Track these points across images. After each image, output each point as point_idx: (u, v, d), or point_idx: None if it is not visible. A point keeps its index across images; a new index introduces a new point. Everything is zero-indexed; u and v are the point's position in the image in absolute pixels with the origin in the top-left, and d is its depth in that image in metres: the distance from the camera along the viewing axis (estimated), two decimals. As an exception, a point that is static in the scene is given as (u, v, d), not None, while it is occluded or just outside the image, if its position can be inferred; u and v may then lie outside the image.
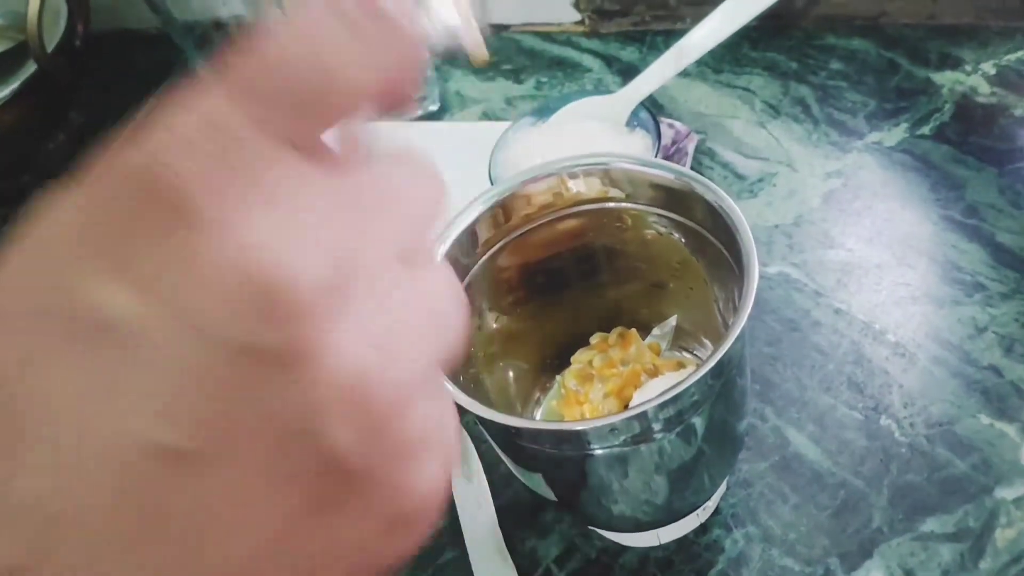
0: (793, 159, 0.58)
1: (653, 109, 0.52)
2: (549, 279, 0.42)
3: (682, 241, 0.39)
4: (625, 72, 0.67)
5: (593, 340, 0.44)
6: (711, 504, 0.42)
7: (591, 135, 0.52)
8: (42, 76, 0.65)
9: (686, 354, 0.45)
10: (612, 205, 0.39)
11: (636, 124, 0.52)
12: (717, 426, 0.34)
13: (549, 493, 0.37)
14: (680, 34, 0.52)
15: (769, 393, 0.46)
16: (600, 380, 0.42)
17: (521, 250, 0.40)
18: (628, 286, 0.43)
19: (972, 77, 0.59)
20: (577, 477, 0.34)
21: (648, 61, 0.54)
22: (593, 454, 0.32)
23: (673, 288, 0.42)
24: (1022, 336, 0.45)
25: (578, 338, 0.45)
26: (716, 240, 0.36)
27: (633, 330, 0.44)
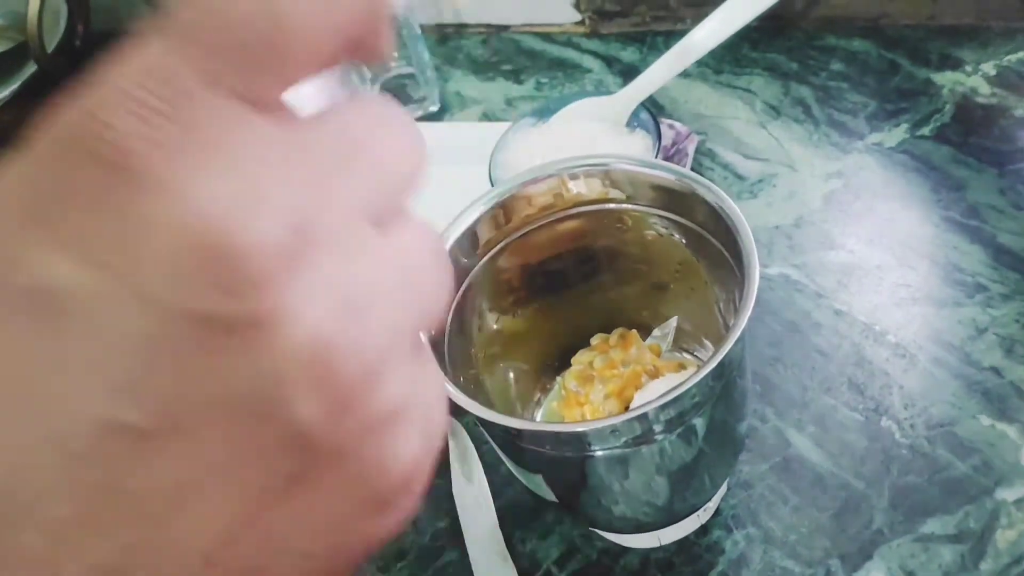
0: (794, 160, 0.58)
1: (653, 110, 0.52)
2: (550, 280, 0.42)
3: (683, 242, 0.39)
4: (625, 73, 0.67)
5: (594, 341, 0.44)
6: (712, 505, 0.42)
7: (591, 136, 0.52)
8: (42, 76, 0.65)
9: (687, 355, 0.45)
10: (613, 206, 0.39)
11: (636, 125, 0.52)
12: (718, 427, 0.34)
13: (550, 494, 0.37)
14: (681, 35, 0.52)
15: (770, 394, 0.46)
16: (601, 381, 0.41)
17: (522, 251, 0.40)
18: (629, 287, 0.43)
19: (972, 78, 0.59)
20: (578, 478, 0.34)
21: (648, 62, 0.54)
22: (594, 455, 0.32)
23: (674, 289, 0.42)
24: (1023, 337, 0.45)
25: (579, 339, 0.45)
26: (717, 241, 0.36)
27: (634, 331, 0.44)
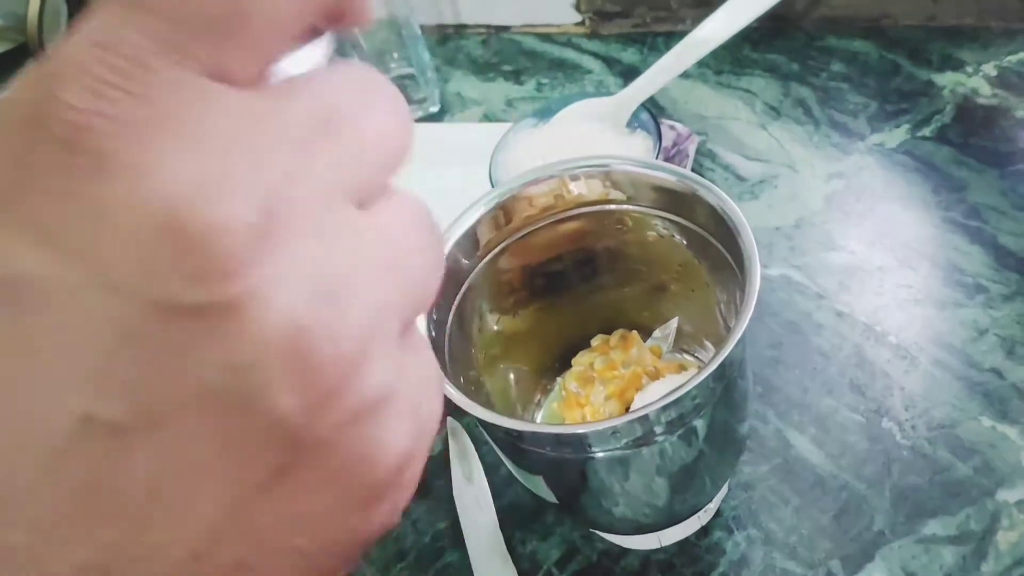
0: (794, 161, 0.58)
1: (654, 110, 0.52)
2: (550, 281, 0.42)
3: (683, 243, 0.38)
4: (626, 73, 0.67)
5: (594, 342, 0.44)
6: (712, 506, 0.42)
7: (592, 137, 0.52)
8: (42, 77, 0.65)
9: (687, 356, 0.45)
10: (613, 207, 0.39)
11: (637, 126, 0.52)
12: (718, 429, 0.34)
13: (550, 495, 0.37)
14: (681, 35, 0.52)
15: (771, 396, 0.46)
16: (601, 382, 0.41)
17: (522, 252, 0.40)
18: (629, 288, 0.43)
19: (973, 79, 0.59)
20: (578, 480, 0.34)
21: (649, 62, 0.53)
22: (594, 457, 0.32)
23: (674, 290, 0.42)
24: (1024, 338, 0.45)
25: (579, 340, 0.44)
26: (717, 242, 0.36)
27: (634, 332, 0.43)
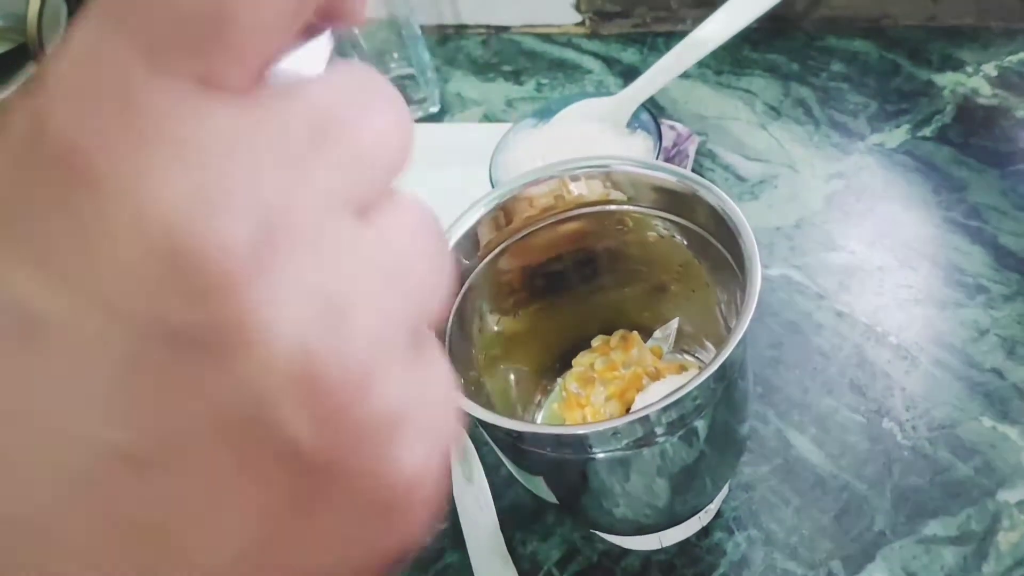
0: (794, 161, 0.58)
1: (654, 111, 0.52)
2: (550, 282, 0.42)
3: (684, 244, 0.38)
4: (626, 74, 0.67)
5: (595, 343, 0.44)
6: (713, 507, 0.42)
7: (592, 137, 0.52)
8: (42, 78, 0.65)
9: (688, 357, 0.45)
10: (614, 207, 0.39)
11: (637, 126, 0.52)
12: (719, 429, 0.34)
13: (551, 496, 0.37)
14: (681, 36, 0.51)
15: (771, 396, 0.46)
16: (602, 383, 0.41)
17: (522, 253, 0.40)
18: (630, 289, 0.43)
19: (973, 79, 0.59)
20: (579, 480, 0.34)
21: (649, 63, 0.53)
22: (595, 457, 0.32)
23: (675, 291, 0.42)
24: (1024, 338, 0.45)
25: (580, 341, 0.44)
26: (718, 243, 0.36)
27: (635, 333, 0.43)
